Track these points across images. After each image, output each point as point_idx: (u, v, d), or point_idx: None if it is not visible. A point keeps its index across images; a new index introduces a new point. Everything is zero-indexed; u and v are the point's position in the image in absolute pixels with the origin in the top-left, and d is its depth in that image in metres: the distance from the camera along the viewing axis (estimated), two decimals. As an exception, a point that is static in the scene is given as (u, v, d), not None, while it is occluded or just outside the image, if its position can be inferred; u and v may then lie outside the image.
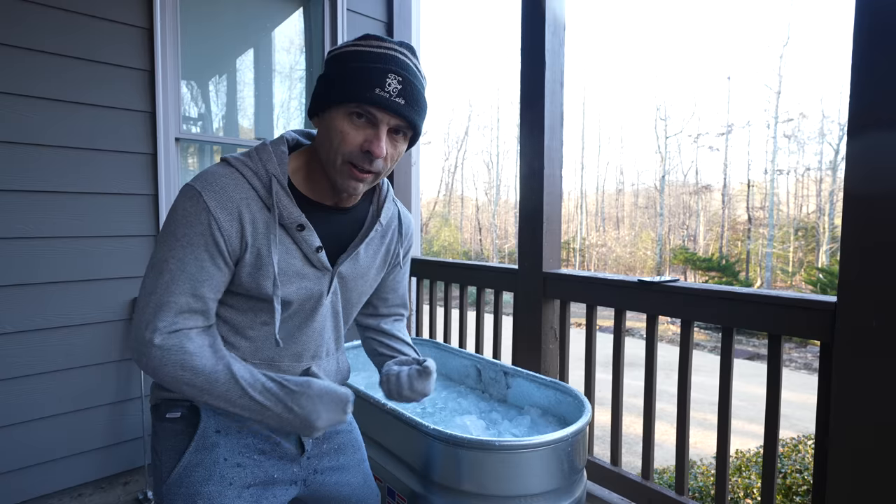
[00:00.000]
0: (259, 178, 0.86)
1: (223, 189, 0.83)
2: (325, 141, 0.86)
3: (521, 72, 2.17)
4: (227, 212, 0.82)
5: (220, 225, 0.82)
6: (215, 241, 0.82)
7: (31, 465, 1.96)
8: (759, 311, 1.51)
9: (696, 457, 4.00)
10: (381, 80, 0.80)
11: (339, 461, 1.09)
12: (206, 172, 0.85)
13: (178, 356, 0.81)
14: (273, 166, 0.87)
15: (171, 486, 0.91)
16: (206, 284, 0.84)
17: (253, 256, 0.86)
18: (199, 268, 0.82)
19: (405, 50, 0.86)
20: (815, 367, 8.77)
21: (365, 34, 0.86)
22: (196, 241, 0.81)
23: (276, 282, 0.86)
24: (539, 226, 2.12)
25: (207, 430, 0.93)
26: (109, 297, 2.10)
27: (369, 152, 0.83)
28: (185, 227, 0.81)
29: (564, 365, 2.15)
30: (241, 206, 0.84)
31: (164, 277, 0.81)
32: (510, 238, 27.30)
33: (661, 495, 1.77)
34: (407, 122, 0.84)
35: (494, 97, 42.02)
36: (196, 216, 0.81)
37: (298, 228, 0.88)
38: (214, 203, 0.81)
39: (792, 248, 21.37)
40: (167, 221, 0.83)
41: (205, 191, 0.82)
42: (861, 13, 1.24)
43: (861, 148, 1.24)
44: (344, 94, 0.81)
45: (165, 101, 2.19)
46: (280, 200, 0.86)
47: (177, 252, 0.81)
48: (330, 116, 0.84)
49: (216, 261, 0.83)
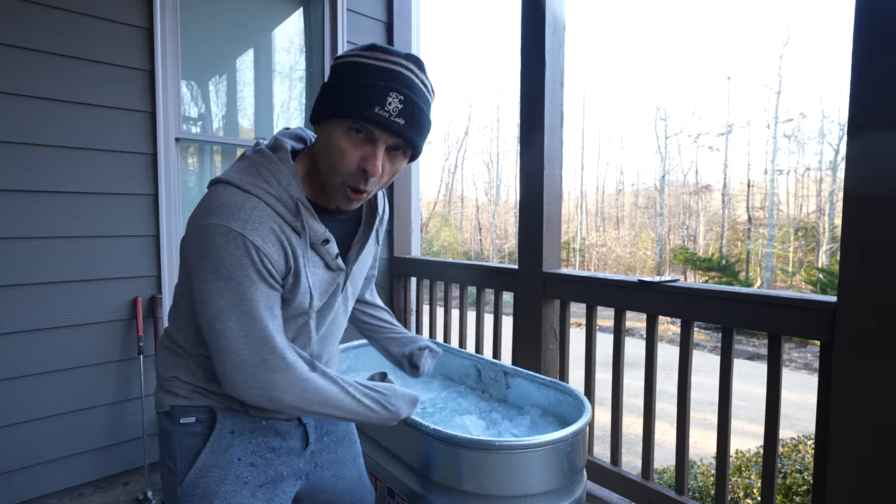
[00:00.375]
0: (284, 205, 0.85)
1: (260, 223, 0.82)
2: (324, 153, 0.86)
3: (521, 72, 2.17)
4: (271, 245, 0.83)
5: (271, 259, 0.83)
6: (270, 273, 0.84)
7: (31, 465, 1.96)
8: (759, 311, 1.51)
9: (696, 457, 4.00)
10: (381, 98, 0.79)
11: (337, 454, 1.13)
12: (229, 206, 0.81)
13: (300, 378, 0.87)
14: (295, 189, 0.86)
15: (186, 488, 0.92)
16: (277, 309, 0.87)
17: (293, 277, 0.88)
18: (267, 296, 0.85)
19: (412, 65, 0.84)
20: (815, 367, 8.77)
21: (372, 45, 0.84)
22: (255, 278, 0.82)
23: (312, 298, 0.92)
24: (539, 226, 2.12)
25: (223, 430, 0.94)
26: (109, 297, 2.10)
27: (365, 171, 0.83)
28: (241, 269, 0.81)
29: (564, 365, 2.15)
30: (279, 234, 0.85)
31: (243, 319, 0.82)
32: (510, 238, 27.30)
33: (661, 495, 1.77)
34: (406, 141, 0.83)
35: (494, 97, 42.05)
36: (248, 257, 0.81)
37: (324, 243, 0.90)
38: (260, 241, 0.82)
39: (792, 248, 21.37)
40: (217, 266, 0.81)
41: (245, 230, 0.80)
42: (861, 13, 1.24)
43: (861, 148, 1.24)
44: (344, 110, 0.81)
45: (165, 101, 2.19)
46: (307, 222, 0.87)
47: (247, 294, 0.82)
48: (330, 128, 0.84)
49: (275, 289, 0.86)
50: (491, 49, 50.67)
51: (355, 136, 0.82)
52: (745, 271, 19.71)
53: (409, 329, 2.96)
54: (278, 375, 0.84)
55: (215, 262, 0.80)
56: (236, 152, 2.63)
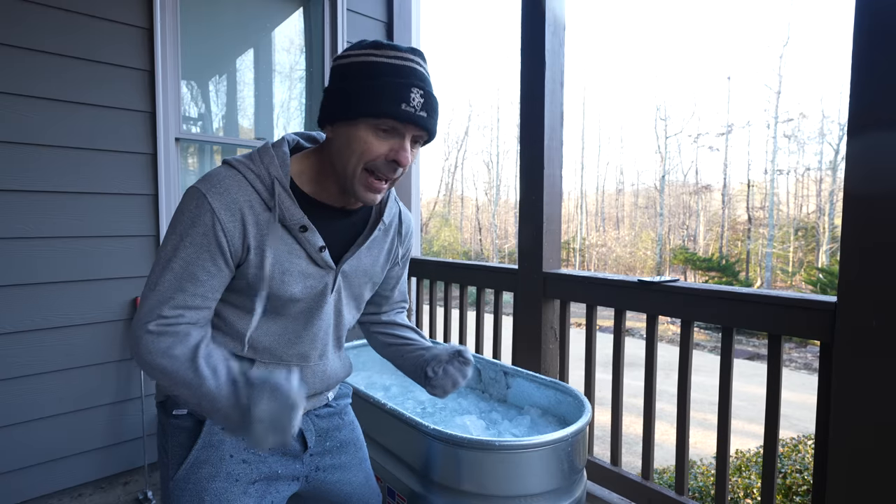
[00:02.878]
0: (262, 181, 0.87)
1: (227, 191, 0.85)
2: (343, 150, 0.87)
3: (521, 72, 2.17)
4: (230, 213, 0.84)
5: (224, 226, 0.84)
6: (218, 241, 0.84)
7: (31, 465, 1.96)
8: (759, 311, 1.51)
9: (696, 457, 4.00)
10: (406, 95, 0.83)
11: (341, 459, 1.11)
12: (209, 175, 0.87)
13: (166, 344, 0.82)
14: (275, 169, 0.88)
15: (178, 483, 0.92)
16: (208, 284, 0.86)
17: (257, 258, 0.87)
18: (202, 268, 0.84)
19: (420, 59, 0.88)
20: (815, 367, 8.77)
21: (375, 41, 0.86)
22: (200, 242, 0.83)
23: (266, 282, 0.88)
24: (539, 226, 2.12)
25: (214, 426, 0.94)
26: (109, 297, 2.10)
27: (395, 161, 0.86)
28: (190, 227, 0.83)
29: (564, 365, 2.15)
30: (244, 207, 0.85)
31: (166, 276, 0.83)
32: (510, 238, 27.30)
33: (661, 495, 1.77)
34: (427, 132, 0.88)
35: (494, 97, 42.06)
36: (200, 217, 0.83)
37: (301, 230, 0.89)
38: (218, 204, 0.83)
39: (792, 248, 21.36)
40: (173, 221, 0.86)
41: (209, 193, 0.83)
42: (861, 13, 1.24)
43: (861, 148, 1.24)
44: (370, 110, 0.83)
45: (165, 101, 2.19)
46: (282, 202, 0.87)
47: (181, 252, 0.83)
48: (352, 128, 0.85)
49: (217, 261, 0.85)
50: (491, 49, 50.71)
51: (381, 133, 0.85)
52: (745, 271, 19.71)
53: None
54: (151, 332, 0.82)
55: (177, 216, 0.85)
56: (236, 152, 2.63)
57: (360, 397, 1.50)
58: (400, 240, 1.10)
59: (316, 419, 1.08)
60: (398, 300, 1.24)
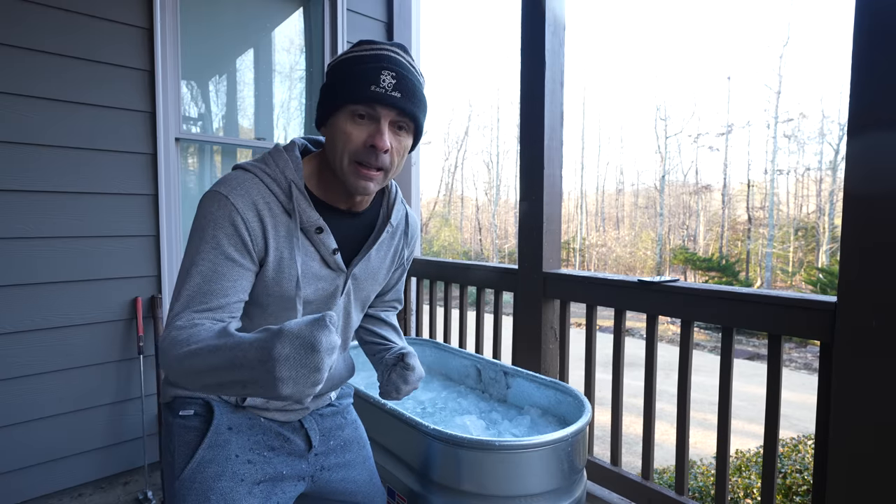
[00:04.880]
0: (278, 184, 0.89)
1: (247, 192, 0.86)
2: (332, 145, 0.89)
3: (521, 72, 2.17)
4: (252, 212, 0.85)
5: (248, 224, 0.85)
6: (242, 239, 0.85)
7: (31, 465, 1.96)
8: (759, 311, 1.51)
9: (696, 457, 4.00)
10: (375, 77, 0.84)
11: (346, 458, 1.12)
12: (226, 178, 0.88)
13: (187, 334, 0.76)
14: (291, 172, 0.90)
15: (183, 482, 0.93)
16: (237, 284, 0.85)
17: (276, 259, 0.88)
18: (229, 268, 0.84)
19: (397, 49, 0.89)
20: (815, 367, 8.77)
21: (360, 40, 0.90)
22: (224, 242, 0.84)
23: (298, 284, 0.89)
24: (539, 226, 2.12)
25: (220, 426, 0.95)
26: (109, 297, 2.10)
27: (373, 146, 0.85)
28: (215, 228, 0.83)
29: (564, 365, 2.15)
30: (263, 208, 0.87)
31: (194, 279, 0.82)
32: (510, 238, 27.29)
33: (661, 495, 1.77)
34: (406, 114, 0.87)
35: (494, 97, 42.01)
36: (225, 217, 0.84)
37: (317, 231, 0.90)
38: (241, 204, 0.85)
39: (792, 248, 21.35)
40: (196, 224, 0.86)
41: (230, 194, 0.85)
42: (861, 13, 1.24)
43: (861, 148, 1.24)
44: (343, 97, 0.85)
45: (165, 101, 2.19)
46: (300, 205, 0.89)
47: (207, 254, 0.83)
48: (334, 121, 0.88)
49: (244, 260, 0.86)
50: (491, 49, 50.69)
51: (359, 119, 0.86)
52: (745, 271, 19.70)
53: (409, 329, 2.96)
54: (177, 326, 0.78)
55: (198, 221, 0.85)
56: (236, 152, 2.63)
57: (361, 397, 1.51)
58: (406, 241, 1.11)
59: (320, 419, 1.09)
60: (391, 300, 1.25)
